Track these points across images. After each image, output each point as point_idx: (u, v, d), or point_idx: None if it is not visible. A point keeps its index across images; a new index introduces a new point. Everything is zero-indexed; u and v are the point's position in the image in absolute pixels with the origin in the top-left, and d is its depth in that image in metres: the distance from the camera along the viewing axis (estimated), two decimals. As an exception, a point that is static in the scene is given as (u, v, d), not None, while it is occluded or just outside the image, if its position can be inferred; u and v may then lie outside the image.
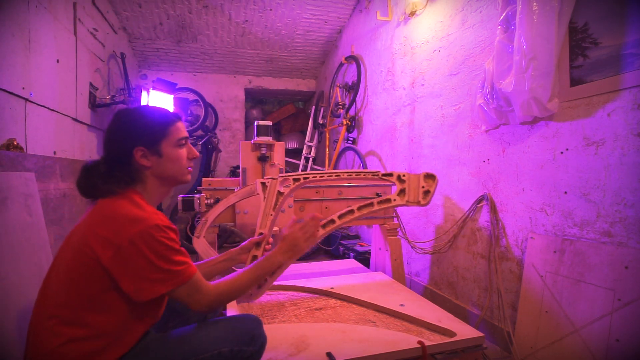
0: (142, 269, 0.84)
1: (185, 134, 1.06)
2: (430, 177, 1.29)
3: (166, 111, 1.05)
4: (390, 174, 1.36)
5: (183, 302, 0.93)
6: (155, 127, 1.00)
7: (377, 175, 1.40)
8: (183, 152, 1.04)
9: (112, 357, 0.87)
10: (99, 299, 0.86)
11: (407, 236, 2.49)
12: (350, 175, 1.45)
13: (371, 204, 1.33)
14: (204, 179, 1.90)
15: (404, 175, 1.33)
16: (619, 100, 1.29)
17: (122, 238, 0.83)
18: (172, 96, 3.41)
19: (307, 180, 1.46)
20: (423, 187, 1.29)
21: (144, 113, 1.02)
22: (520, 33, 1.48)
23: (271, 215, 1.36)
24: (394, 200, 1.32)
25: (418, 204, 1.27)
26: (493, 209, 1.85)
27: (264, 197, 1.41)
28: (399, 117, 2.85)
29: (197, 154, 1.09)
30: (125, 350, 0.90)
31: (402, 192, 1.32)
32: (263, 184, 1.44)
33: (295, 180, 1.45)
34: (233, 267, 1.30)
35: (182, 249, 0.93)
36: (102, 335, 0.86)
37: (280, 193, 1.40)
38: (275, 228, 1.85)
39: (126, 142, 0.97)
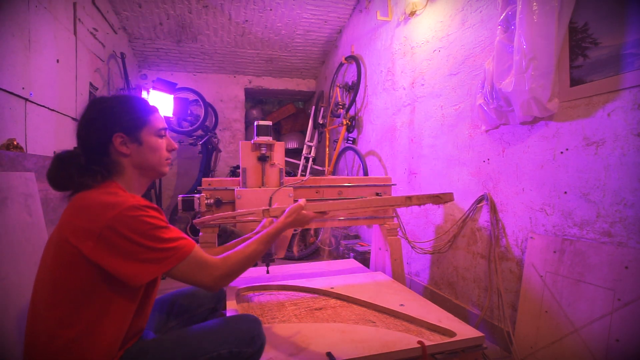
0: (130, 253, 0.81)
1: (165, 124, 1.04)
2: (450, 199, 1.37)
3: (145, 101, 1.04)
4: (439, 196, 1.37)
5: (190, 282, 0.90)
6: (136, 113, 0.98)
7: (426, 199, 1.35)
8: (163, 142, 1.02)
9: (112, 353, 0.86)
10: (87, 292, 0.82)
11: (407, 236, 2.49)
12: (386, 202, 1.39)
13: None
14: (204, 179, 1.89)
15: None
16: (619, 100, 1.29)
17: (100, 225, 0.80)
18: (172, 96, 3.41)
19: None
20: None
21: (123, 100, 1.00)
22: (520, 33, 1.48)
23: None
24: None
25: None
26: (493, 209, 1.85)
27: None
28: (399, 117, 2.85)
29: (176, 145, 1.07)
30: (125, 344, 0.90)
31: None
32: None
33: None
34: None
35: (171, 226, 0.90)
36: (96, 330, 0.83)
37: None
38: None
39: (105, 129, 0.94)
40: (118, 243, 0.81)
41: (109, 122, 0.95)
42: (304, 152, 4.37)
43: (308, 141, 4.38)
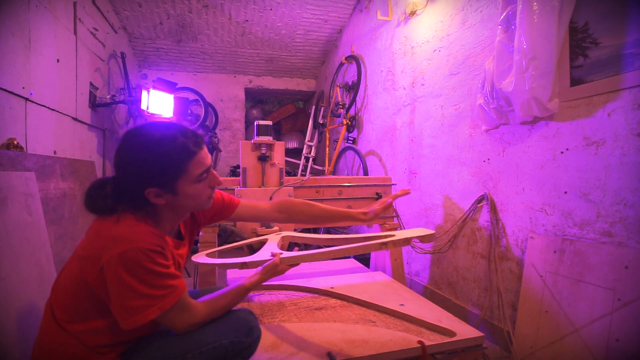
0: (123, 296, 0.80)
1: (207, 163, 0.93)
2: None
3: (186, 140, 0.89)
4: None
5: (169, 326, 0.90)
6: (171, 165, 0.87)
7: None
8: (203, 186, 0.94)
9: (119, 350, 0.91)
10: (94, 312, 0.86)
11: (407, 236, 2.49)
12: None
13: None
14: (204, 179, 1.89)
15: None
16: (619, 100, 1.29)
17: (103, 260, 0.80)
18: (172, 96, 3.41)
19: None
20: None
21: (158, 145, 0.87)
22: (520, 33, 1.48)
23: None
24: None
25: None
26: (493, 209, 1.85)
27: None
28: (399, 117, 2.85)
29: (221, 181, 0.99)
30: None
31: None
32: None
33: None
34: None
35: (171, 271, 0.87)
36: (103, 344, 0.87)
37: None
38: (276, 227, 1.85)
39: (137, 182, 0.87)
40: (112, 283, 0.80)
41: (141, 175, 0.87)
42: (304, 151, 4.37)
43: (308, 141, 4.38)
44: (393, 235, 1.24)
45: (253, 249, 1.80)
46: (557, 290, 1.46)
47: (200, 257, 1.46)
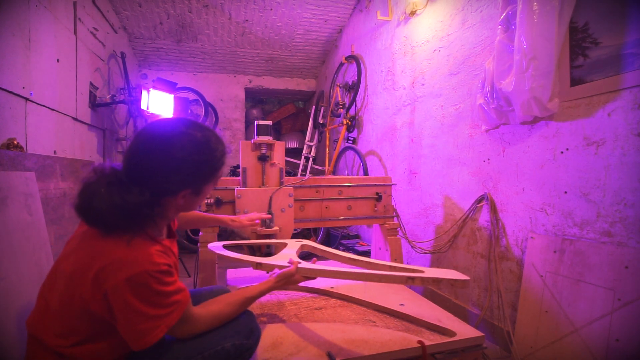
0: (131, 320, 0.79)
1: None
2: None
3: (223, 143, 0.94)
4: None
5: (169, 334, 0.89)
6: (214, 170, 0.92)
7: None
8: None
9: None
10: (98, 339, 0.84)
11: (407, 236, 2.49)
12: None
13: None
14: (204, 179, 1.89)
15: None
16: (619, 100, 1.29)
17: (108, 284, 0.76)
18: (172, 95, 3.41)
19: None
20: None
21: (209, 148, 0.89)
22: (520, 33, 1.48)
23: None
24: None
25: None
26: (493, 209, 1.85)
27: None
28: (399, 117, 2.85)
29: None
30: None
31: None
32: None
33: None
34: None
35: (176, 286, 0.85)
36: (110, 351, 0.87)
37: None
38: (276, 227, 1.85)
39: (177, 183, 0.86)
40: (120, 307, 0.78)
41: (187, 177, 0.87)
42: (304, 151, 4.37)
43: (308, 141, 4.38)
44: (422, 272, 1.22)
45: (253, 249, 1.80)
46: (557, 290, 1.46)
47: (218, 248, 1.45)
